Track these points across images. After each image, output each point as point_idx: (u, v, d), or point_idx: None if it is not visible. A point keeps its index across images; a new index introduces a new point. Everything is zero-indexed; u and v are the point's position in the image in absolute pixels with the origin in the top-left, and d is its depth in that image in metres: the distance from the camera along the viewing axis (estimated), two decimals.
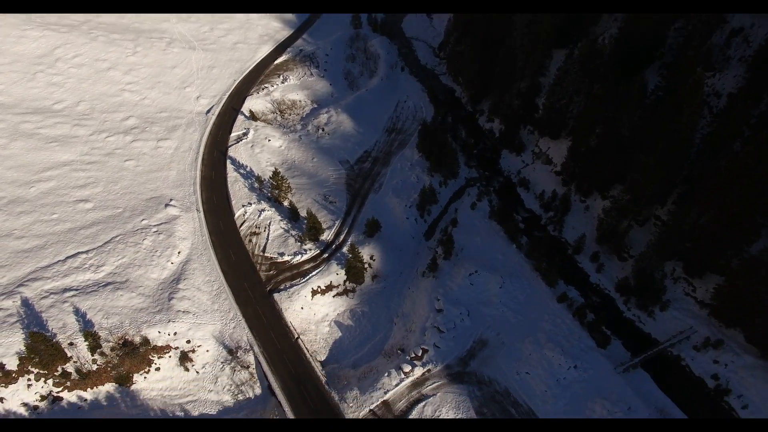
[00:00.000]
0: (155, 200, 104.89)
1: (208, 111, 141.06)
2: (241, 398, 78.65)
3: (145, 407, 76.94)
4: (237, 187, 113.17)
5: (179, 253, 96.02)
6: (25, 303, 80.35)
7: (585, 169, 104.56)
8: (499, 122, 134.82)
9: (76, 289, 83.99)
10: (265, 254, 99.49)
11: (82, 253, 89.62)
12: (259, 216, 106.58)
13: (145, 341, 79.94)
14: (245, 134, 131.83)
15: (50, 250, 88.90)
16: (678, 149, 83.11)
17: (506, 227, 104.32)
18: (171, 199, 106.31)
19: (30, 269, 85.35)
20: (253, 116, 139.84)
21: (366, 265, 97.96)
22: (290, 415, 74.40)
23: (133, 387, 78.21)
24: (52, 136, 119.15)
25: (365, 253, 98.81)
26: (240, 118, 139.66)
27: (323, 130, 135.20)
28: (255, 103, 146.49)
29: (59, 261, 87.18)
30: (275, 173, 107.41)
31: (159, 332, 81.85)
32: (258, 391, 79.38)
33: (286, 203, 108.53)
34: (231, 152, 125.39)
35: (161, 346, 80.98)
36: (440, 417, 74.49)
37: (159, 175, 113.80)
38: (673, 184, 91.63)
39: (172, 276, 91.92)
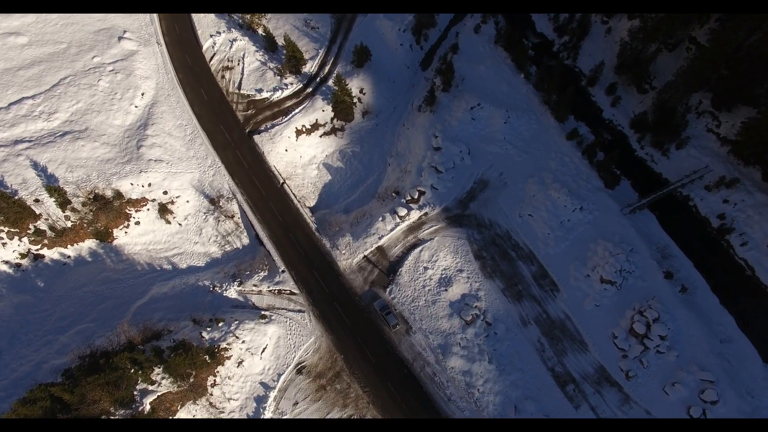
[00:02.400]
0: (105, 32, 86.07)
1: None
2: (229, 249, 72.66)
3: (132, 261, 71.39)
4: (201, 14, 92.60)
5: (143, 94, 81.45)
6: None
7: None
8: None
9: (29, 141, 72.05)
10: (241, 91, 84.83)
11: (27, 98, 75.09)
12: (231, 47, 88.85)
13: (118, 194, 70.93)
14: None
15: None
16: None
17: (514, 54, 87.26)
18: (125, 31, 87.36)
19: None
20: None
21: (355, 100, 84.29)
22: (280, 264, 69.03)
23: (115, 242, 71.60)
24: None
25: (354, 85, 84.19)
26: None
27: None
28: None
29: (1, 108, 73.34)
30: None
31: (131, 184, 72.39)
32: (245, 240, 73.02)
33: (260, 30, 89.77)
34: None
35: (136, 199, 72.30)
36: (437, 261, 69.22)
37: None
38: None
39: (138, 121, 78.98)
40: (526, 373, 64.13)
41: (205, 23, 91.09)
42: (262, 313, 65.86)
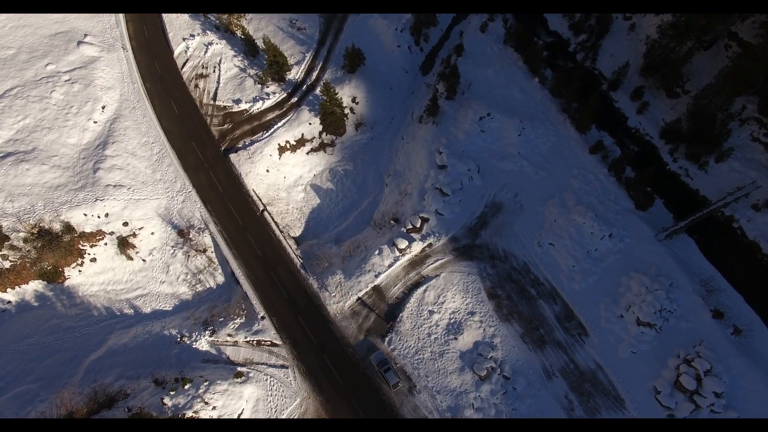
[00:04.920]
0: (62, 36, 72.88)
1: None
2: (201, 289, 59.84)
3: (87, 305, 58.61)
4: (174, 14, 79.28)
5: (104, 108, 68.39)
6: None
7: None
8: None
9: None
10: (217, 102, 71.68)
11: None
12: (206, 52, 75.69)
13: (68, 228, 58.09)
14: None
15: None
16: None
17: (526, 55, 74.28)
18: (85, 35, 74.16)
19: None
20: None
21: (347, 110, 71.42)
22: (259, 309, 56.22)
23: (67, 283, 58.79)
24: None
25: (345, 94, 71.26)
26: None
27: None
28: None
29: None
30: None
31: (85, 215, 59.56)
32: (220, 279, 60.24)
33: (239, 33, 76.58)
34: None
35: (91, 233, 59.49)
36: (444, 303, 56.47)
37: None
38: None
39: (97, 139, 65.95)
40: None
41: (178, 25, 77.86)
42: (238, 369, 53.10)
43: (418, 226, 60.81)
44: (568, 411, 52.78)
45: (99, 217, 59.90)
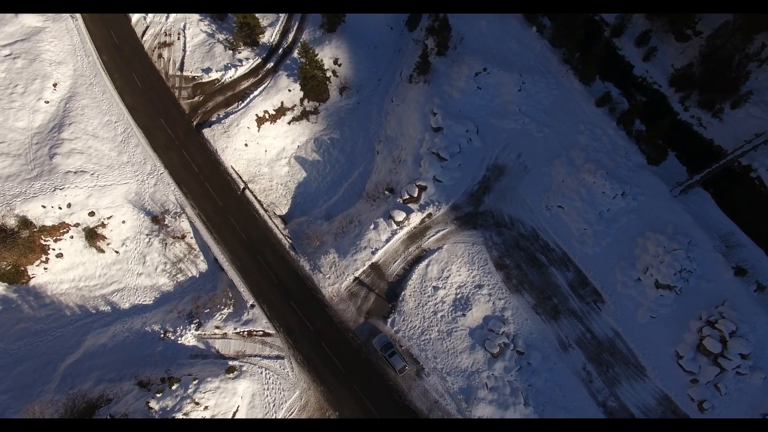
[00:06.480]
0: None
1: None
2: (182, 279, 54.84)
3: (58, 305, 53.48)
4: None
5: (55, 85, 61.40)
6: None
7: None
8: None
9: None
10: (185, 73, 64.98)
11: None
12: (168, 17, 68.25)
13: (25, 222, 52.20)
14: None
15: None
16: None
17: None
18: None
19: None
20: None
21: (329, 74, 65.20)
22: (247, 297, 51.52)
23: (32, 283, 53.38)
24: None
25: (326, 55, 64.95)
26: None
27: None
28: None
29: None
30: None
31: (44, 206, 53.62)
32: (202, 266, 55.23)
33: None
34: None
35: (53, 226, 53.67)
36: (449, 277, 52.27)
37: None
38: None
39: (51, 121, 59.27)
40: (572, 412, 48.77)
41: None
42: (230, 364, 48.80)
43: (415, 195, 55.89)
44: (586, 383, 49.71)
45: (60, 208, 54.01)
